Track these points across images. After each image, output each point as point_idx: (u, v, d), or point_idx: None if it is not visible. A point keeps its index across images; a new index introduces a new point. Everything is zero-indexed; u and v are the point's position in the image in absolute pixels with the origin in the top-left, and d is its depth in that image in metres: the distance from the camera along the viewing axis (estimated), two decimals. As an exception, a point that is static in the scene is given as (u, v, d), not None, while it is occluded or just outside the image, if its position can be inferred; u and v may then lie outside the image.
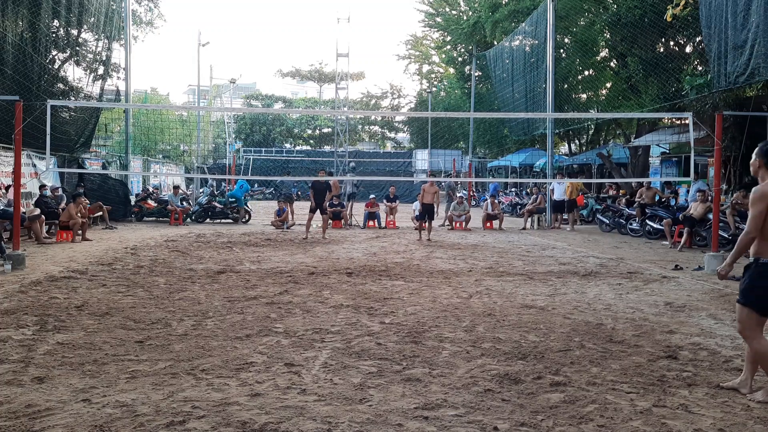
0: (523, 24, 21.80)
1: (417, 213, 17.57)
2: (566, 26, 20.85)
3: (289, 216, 16.85)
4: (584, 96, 23.08)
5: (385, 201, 18.52)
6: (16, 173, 9.69)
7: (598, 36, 20.01)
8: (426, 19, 34.15)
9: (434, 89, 43.23)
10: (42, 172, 14.62)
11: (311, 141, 51.36)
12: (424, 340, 5.15)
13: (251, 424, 3.31)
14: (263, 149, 43.04)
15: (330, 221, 16.96)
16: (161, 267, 9.05)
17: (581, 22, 20.83)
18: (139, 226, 16.25)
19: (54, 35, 16.09)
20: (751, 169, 3.99)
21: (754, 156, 3.93)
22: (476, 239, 14.22)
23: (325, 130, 49.46)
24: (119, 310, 6.06)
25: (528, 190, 25.01)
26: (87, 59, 17.56)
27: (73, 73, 17.72)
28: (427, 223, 13.97)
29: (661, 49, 17.62)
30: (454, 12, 32.17)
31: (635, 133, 22.89)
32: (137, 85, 50.82)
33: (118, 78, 19.02)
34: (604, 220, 16.93)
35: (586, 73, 22.59)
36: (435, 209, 14.35)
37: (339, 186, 18.05)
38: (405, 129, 52.11)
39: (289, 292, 7.21)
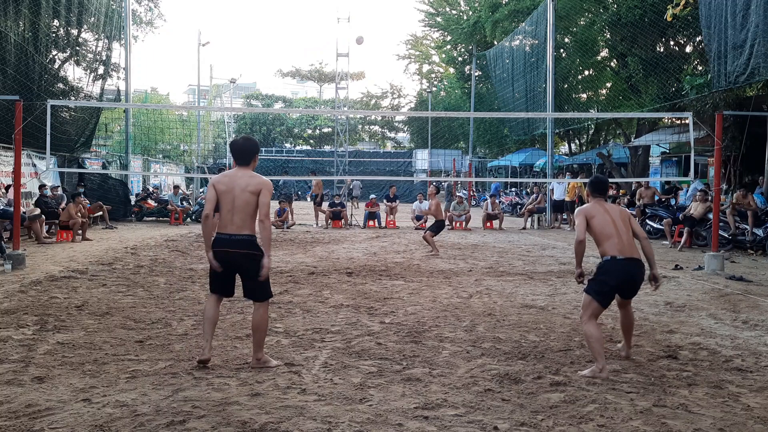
0: (523, 24, 21.80)
1: (417, 213, 17.62)
2: (566, 26, 20.84)
3: (289, 216, 16.87)
4: (584, 96, 23.08)
5: (385, 201, 18.54)
6: (16, 173, 9.69)
7: (598, 36, 20.01)
8: (426, 19, 34.13)
9: (434, 89, 43.21)
10: (42, 172, 14.62)
11: (311, 141, 51.35)
12: (424, 339, 5.15)
13: (251, 423, 3.31)
14: (263, 149, 43.04)
15: (330, 221, 17.04)
16: (161, 267, 9.05)
17: (581, 22, 20.83)
18: (139, 226, 16.25)
19: (54, 35, 16.09)
20: (584, 194, 4.78)
21: (587, 186, 4.93)
22: (476, 239, 14.22)
23: (325, 130, 49.45)
24: (119, 310, 6.07)
25: (528, 190, 25.02)
26: (87, 59, 17.58)
27: (73, 72, 17.75)
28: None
29: (661, 49, 17.62)
30: (454, 12, 32.16)
31: (635, 132, 22.89)
32: (137, 85, 50.73)
33: (118, 78, 19.03)
34: (605, 220, 16.89)
35: (586, 72, 22.58)
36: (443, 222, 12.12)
37: (321, 185, 17.97)
38: (405, 129, 52.10)
39: (289, 292, 7.21)
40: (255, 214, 4.12)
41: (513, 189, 29.43)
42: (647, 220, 14.76)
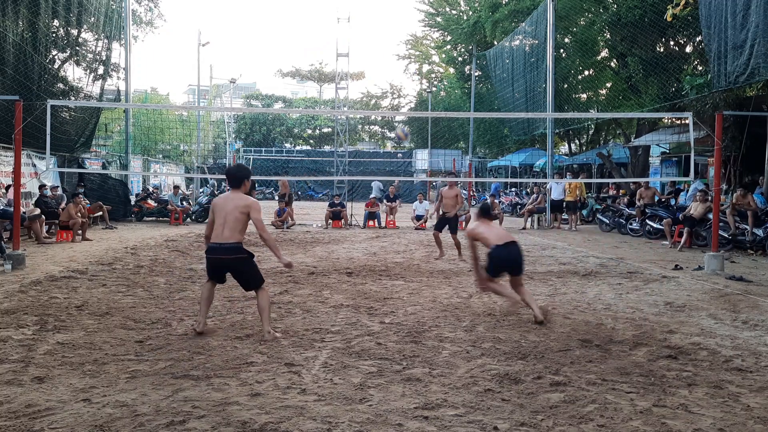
0: (523, 24, 21.80)
1: (416, 213, 17.61)
2: (566, 26, 20.84)
3: (290, 216, 16.87)
4: (584, 96, 23.08)
5: (385, 201, 18.53)
6: (16, 173, 9.68)
7: (598, 36, 20.01)
8: (426, 19, 34.11)
9: (434, 89, 43.21)
10: (42, 172, 14.62)
11: (311, 141, 51.35)
12: (424, 339, 5.15)
13: (251, 423, 3.31)
14: (263, 149, 43.05)
15: (330, 220, 17.03)
16: (161, 267, 9.05)
17: (581, 22, 20.82)
18: (139, 226, 16.25)
19: (54, 35, 16.08)
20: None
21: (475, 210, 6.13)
22: (476, 239, 14.19)
23: (325, 130, 49.44)
24: (119, 310, 6.07)
25: (528, 190, 25.02)
26: (87, 59, 17.56)
27: (73, 73, 17.72)
28: (452, 238, 10.78)
29: (661, 49, 17.62)
30: (454, 12, 32.15)
31: (635, 133, 22.89)
32: (137, 85, 50.77)
33: (118, 78, 19.01)
34: (604, 220, 16.93)
35: (586, 73, 22.58)
36: (457, 221, 11.03)
37: (287, 184, 17.89)
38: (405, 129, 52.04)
39: (289, 292, 7.21)
40: (243, 229, 5.11)
41: (513, 189, 29.42)
42: (647, 220, 14.76)
